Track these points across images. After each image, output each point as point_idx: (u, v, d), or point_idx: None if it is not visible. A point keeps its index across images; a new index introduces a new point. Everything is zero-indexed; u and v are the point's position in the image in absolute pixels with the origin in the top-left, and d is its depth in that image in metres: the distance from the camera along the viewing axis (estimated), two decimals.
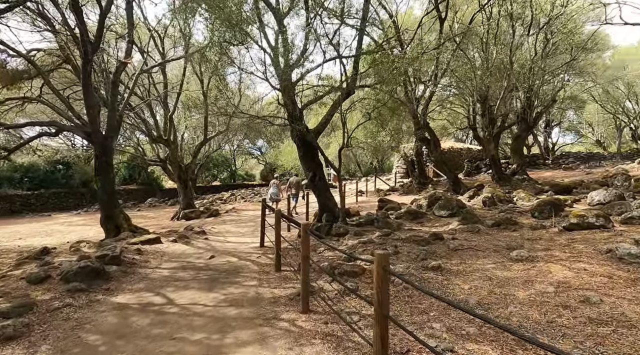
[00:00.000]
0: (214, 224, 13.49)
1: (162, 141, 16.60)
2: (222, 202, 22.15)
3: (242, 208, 18.30)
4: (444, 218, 9.23)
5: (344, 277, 5.75)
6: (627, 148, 43.84)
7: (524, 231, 7.47)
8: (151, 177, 35.32)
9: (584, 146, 49.90)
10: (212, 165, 42.39)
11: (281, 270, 6.71)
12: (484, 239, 7.18)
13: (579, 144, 51.73)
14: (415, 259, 6.19)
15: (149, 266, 7.05)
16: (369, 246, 7.31)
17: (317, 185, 9.92)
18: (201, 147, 18.31)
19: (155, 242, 8.72)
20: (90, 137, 9.91)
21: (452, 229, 8.10)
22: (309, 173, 10.01)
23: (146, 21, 14.23)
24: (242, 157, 48.98)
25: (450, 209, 9.25)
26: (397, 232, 8.33)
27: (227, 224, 13.46)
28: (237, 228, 12.47)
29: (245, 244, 9.45)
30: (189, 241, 9.58)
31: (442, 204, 9.48)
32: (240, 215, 16.05)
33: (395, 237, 7.76)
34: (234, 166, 46.61)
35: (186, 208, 16.79)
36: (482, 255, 6.16)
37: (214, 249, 8.75)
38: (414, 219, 9.37)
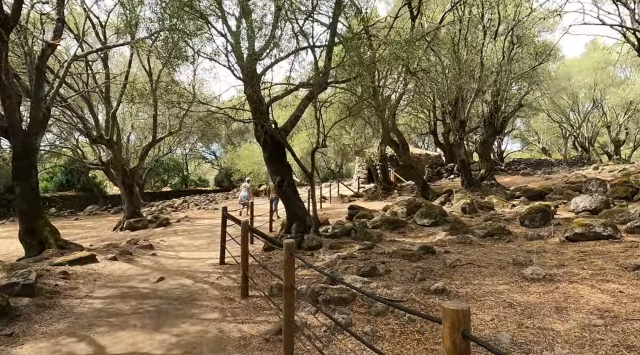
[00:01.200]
0: (163, 236, 11.85)
1: (103, 142, 14.63)
2: (173, 209, 20.25)
3: (196, 216, 16.63)
4: (427, 227, 8.40)
5: (330, 305, 4.63)
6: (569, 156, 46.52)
7: (519, 242, 6.75)
8: (93, 182, 32.23)
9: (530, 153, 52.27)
10: (162, 170, 39.68)
11: (248, 295, 5.47)
12: (480, 251, 6.35)
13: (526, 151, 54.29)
14: (412, 280, 5.20)
15: (76, 295, 5.52)
16: (350, 263, 6.24)
17: (286, 191, 8.74)
18: (149, 149, 16.47)
19: (89, 262, 7.11)
20: (7, 134, 8.10)
21: (440, 240, 7.24)
22: (275, 177, 8.82)
23: (84, 3, 12.38)
24: (195, 161, 46.50)
25: (432, 218, 8.44)
26: (380, 245, 7.35)
27: (179, 236, 11.87)
28: (191, 240, 10.96)
29: (202, 261, 8.06)
30: (132, 258, 8.02)
31: (423, 211, 8.66)
32: (194, 225, 14.45)
33: (379, 251, 6.75)
34: (186, 171, 44.03)
35: (131, 217, 14.89)
36: (487, 272, 5.29)
37: (164, 268, 7.29)
38: (394, 229, 8.45)
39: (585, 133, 38.25)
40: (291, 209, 8.83)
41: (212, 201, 21.70)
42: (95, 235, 13.88)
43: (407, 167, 15.38)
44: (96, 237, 13.15)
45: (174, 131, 16.87)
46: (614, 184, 9.75)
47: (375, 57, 7.62)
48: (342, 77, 9.42)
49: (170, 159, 40.01)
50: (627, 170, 16.57)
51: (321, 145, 8.33)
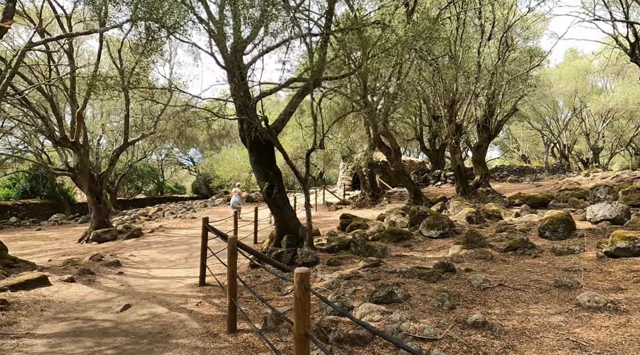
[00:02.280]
0: (134, 249, 10.56)
1: (67, 144, 13.22)
2: (147, 218, 18.78)
3: (171, 226, 15.30)
4: (435, 239, 7.50)
5: (344, 345, 3.62)
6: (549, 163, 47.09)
7: (548, 257, 5.91)
8: (60, 189, 30.19)
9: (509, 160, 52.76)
10: (135, 176, 37.79)
11: (237, 329, 4.39)
12: (506, 269, 5.47)
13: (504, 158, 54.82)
14: (438, 308, 4.24)
15: (12, 333, 4.31)
16: (357, 284, 5.25)
17: (276, 199, 7.69)
18: (120, 153, 15.07)
19: (39, 285, 5.86)
20: None
21: (455, 255, 6.34)
22: (264, 184, 7.76)
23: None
24: (172, 167, 44.70)
25: (441, 228, 7.56)
26: (387, 261, 6.38)
27: (153, 248, 10.60)
28: (166, 254, 9.73)
29: (178, 280, 6.90)
30: (94, 279, 6.77)
31: (430, 222, 7.77)
32: (169, 236, 13.15)
33: (389, 269, 5.78)
34: (161, 177, 42.19)
35: (99, 227, 13.47)
36: (526, 297, 4.39)
37: (132, 292, 6.10)
38: (399, 241, 7.51)
39: (564, 141, 38.70)
40: (281, 219, 7.78)
41: (190, 209, 20.33)
42: (57, 248, 12.42)
43: (399, 173, 14.56)
44: (57, 251, 11.71)
45: (147, 133, 15.55)
46: (627, 191, 9.15)
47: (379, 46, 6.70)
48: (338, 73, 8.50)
49: (144, 165, 38.21)
50: (620, 176, 16.26)
51: (318, 146, 7.32)
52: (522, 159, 48.61)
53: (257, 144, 7.83)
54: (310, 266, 6.76)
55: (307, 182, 7.45)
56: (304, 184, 7.46)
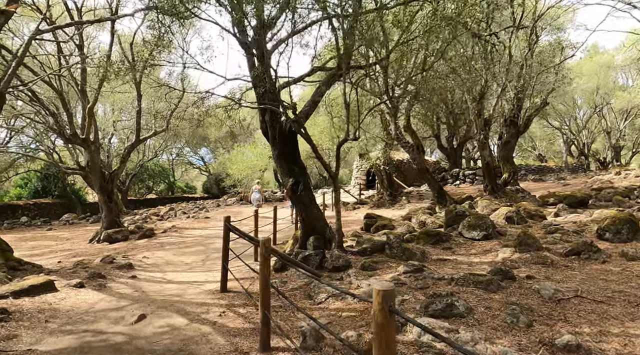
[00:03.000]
0: (147, 250, 10.00)
1: (78, 141, 12.75)
2: (159, 218, 18.28)
3: (184, 226, 14.74)
4: (478, 241, 6.79)
5: None
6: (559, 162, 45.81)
7: (618, 262, 5.18)
8: (72, 188, 29.94)
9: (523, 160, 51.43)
10: (146, 176, 37.50)
11: (271, 347, 3.74)
12: (576, 278, 4.74)
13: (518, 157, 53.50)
14: (513, 325, 3.54)
15: (14, 349, 3.72)
16: (404, 293, 4.58)
17: (301, 196, 7.04)
18: (132, 150, 14.59)
19: (44, 291, 5.28)
20: None
21: (507, 259, 5.62)
22: (287, 180, 7.12)
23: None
24: (182, 167, 44.39)
25: (483, 229, 6.83)
26: (430, 266, 5.69)
27: (167, 250, 10.03)
28: (181, 256, 9.14)
29: (196, 286, 6.28)
30: (106, 283, 6.18)
31: (471, 222, 7.05)
32: (183, 236, 12.59)
33: (435, 275, 5.09)
34: (172, 177, 41.89)
35: (110, 227, 12.96)
36: (617, 313, 3.68)
37: (146, 299, 5.50)
38: (437, 243, 6.81)
39: (583, 139, 37.54)
40: (307, 219, 7.13)
41: (202, 209, 19.80)
42: (67, 249, 11.93)
43: (422, 171, 13.83)
44: (68, 251, 11.21)
45: (160, 130, 15.03)
46: None
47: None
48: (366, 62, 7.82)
49: (155, 165, 37.92)
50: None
51: (353, 136, 6.63)
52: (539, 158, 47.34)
53: (281, 137, 7.19)
54: (342, 271, 6.11)
55: (337, 178, 6.78)
56: (334, 179, 6.80)
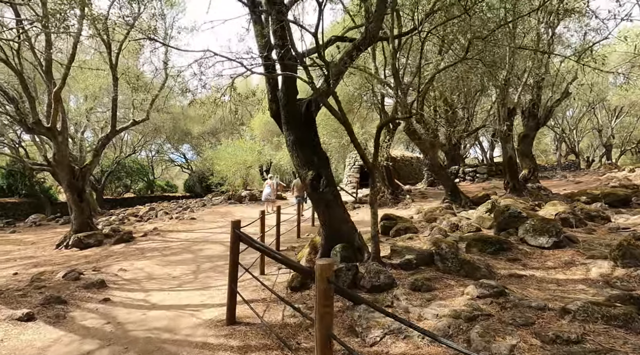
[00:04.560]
0: (124, 259, 8.34)
1: (42, 130, 10.88)
2: (138, 219, 16.42)
3: (167, 228, 13.02)
4: (548, 250, 5.44)
5: None
6: (546, 161, 45.68)
7: None
8: (42, 187, 27.56)
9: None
10: (124, 174, 35.24)
11: None
12: None
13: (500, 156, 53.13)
14: None
15: None
16: (502, 333, 3.16)
17: (324, 194, 5.56)
18: (107, 142, 12.77)
19: None
20: None
21: (605, 275, 4.29)
22: (307, 172, 5.62)
23: None
24: (162, 164, 42.12)
25: (553, 235, 5.49)
26: (507, 285, 4.28)
27: (148, 258, 8.37)
28: (167, 266, 7.52)
29: (191, 312, 4.72)
30: (67, 312, 4.55)
31: (535, 226, 5.67)
32: (166, 241, 10.91)
33: (527, 301, 3.69)
34: (152, 175, 39.64)
35: (80, 230, 11.15)
36: None
37: (123, 337, 3.91)
38: (497, 253, 5.43)
39: (575, 137, 37.26)
40: (331, 222, 5.64)
41: (186, 209, 18.02)
42: (29, 256, 10.12)
43: (435, 167, 12.51)
44: (29, 260, 9.41)
45: (139, 120, 13.24)
46: None
47: None
48: None
49: (133, 162, 35.69)
50: None
51: (416, 111, 5.09)
52: None
53: (297, 119, 5.69)
54: (384, 291, 4.66)
55: (374, 170, 5.31)
56: (372, 172, 5.33)
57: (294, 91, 5.71)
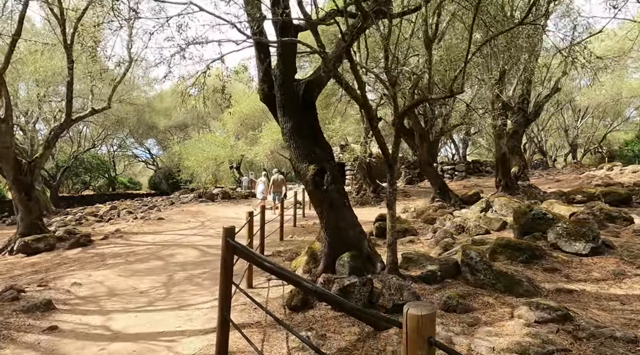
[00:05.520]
0: (81, 267, 7.08)
1: None
2: (98, 219, 14.82)
3: (132, 230, 11.63)
4: (586, 257, 4.74)
5: None
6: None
7: None
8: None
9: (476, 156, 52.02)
10: (82, 170, 32.81)
11: None
12: None
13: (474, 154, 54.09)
14: None
15: None
16: None
17: (329, 192, 4.63)
18: (60, 133, 11.22)
19: None
20: None
21: None
22: (307, 167, 4.68)
23: None
24: (125, 160, 39.67)
25: (590, 240, 4.80)
26: (561, 303, 3.53)
27: (109, 267, 7.15)
28: (132, 277, 6.35)
29: (165, 344, 3.67)
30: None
31: (569, 229, 4.94)
32: (131, 244, 9.62)
33: (604, 330, 2.93)
34: (113, 171, 37.21)
35: (28, 232, 9.65)
36: None
37: None
38: (530, 261, 4.68)
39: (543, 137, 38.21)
40: (335, 226, 4.72)
41: (153, 208, 16.53)
42: None
43: (424, 163, 11.85)
44: None
45: (99, 109, 11.78)
46: None
47: None
48: None
49: (93, 157, 33.32)
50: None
51: (456, 89, 4.16)
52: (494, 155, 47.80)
53: (294, 103, 4.74)
54: None
55: (394, 168, 4.42)
56: (391, 168, 4.44)
57: (292, 68, 4.75)
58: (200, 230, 11.55)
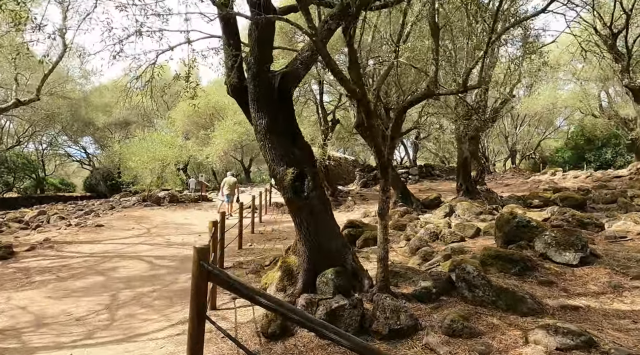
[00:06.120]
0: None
1: None
2: (23, 226, 12.96)
3: (64, 239, 10.19)
4: (576, 268, 4.52)
5: None
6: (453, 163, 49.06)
7: None
8: None
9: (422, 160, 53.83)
10: (5, 170, 29.33)
11: None
12: None
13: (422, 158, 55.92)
14: None
15: None
16: None
17: (310, 200, 4.05)
18: None
19: None
20: None
21: None
22: (284, 171, 4.07)
23: None
24: (57, 159, 36.18)
25: (579, 250, 4.59)
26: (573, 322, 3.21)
27: (35, 286, 6.01)
28: (64, 300, 5.32)
29: None
30: None
31: (558, 238, 4.71)
32: (63, 256, 8.35)
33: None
34: (42, 172, 33.72)
35: None
36: None
37: None
38: (522, 273, 4.36)
39: (486, 143, 40.19)
40: (318, 237, 4.14)
41: (90, 213, 14.84)
42: None
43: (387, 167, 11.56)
44: None
45: (26, 101, 10.25)
46: None
47: None
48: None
49: (18, 155, 29.91)
50: (594, 176, 15.52)
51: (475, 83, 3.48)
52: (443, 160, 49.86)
53: (268, 97, 4.11)
54: (409, 337, 3.34)
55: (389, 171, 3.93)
56: (383, 170, 3.94)
57: (268, 55, 4.12)
58: (147, 238, 10.42)
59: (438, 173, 31.58)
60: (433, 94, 4.03)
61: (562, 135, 44.32)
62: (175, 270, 7.10)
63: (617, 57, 16.01)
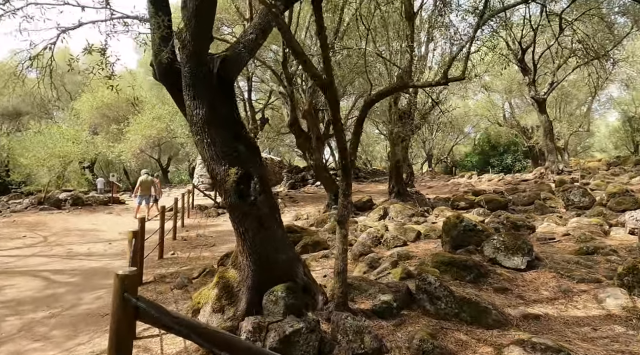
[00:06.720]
0: None
1: None
2: None
3: None
4: (524, 272, 4.48)
5: None
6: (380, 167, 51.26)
7: None
8: None
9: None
10: None
11: None
12: None
13: None
14: None
15: None
16: None
17: (256, 204, 3.45)
18: None
19: None
20: None
21: (630, 308, 3.48)
22: (226, 171, 3.43)
23: None
24: None
25: (526, 253, 4.55)
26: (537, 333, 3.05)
27: None
28: None
29: None
30: None
31: (506, 243, 4.60)
32: None
33: None
34: None
35: None
36: None
37: None
38: (476, 281, 4.18)
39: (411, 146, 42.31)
40: (264, 249, 3.54)
41: None
42: None
43: (320, 169, 11.27)
44: None
45: None
46: (613, 194, 8.11)
47: None
48: None
49: None
50: (505, 179, 16.82)
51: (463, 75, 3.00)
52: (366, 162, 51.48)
53: (206, 82, 3.44)
54: None
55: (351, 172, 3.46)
56: (345, 172, 3.44)
57: (208, 32, 3.44)
58: (43, 248, 8.82)
59: (363, 175, 32.26)
60: (407, 86, 3.68)
61: (470, 142, 48.27)
62: (77, 287, 5.94)
63: (524, 71, 17.65)
